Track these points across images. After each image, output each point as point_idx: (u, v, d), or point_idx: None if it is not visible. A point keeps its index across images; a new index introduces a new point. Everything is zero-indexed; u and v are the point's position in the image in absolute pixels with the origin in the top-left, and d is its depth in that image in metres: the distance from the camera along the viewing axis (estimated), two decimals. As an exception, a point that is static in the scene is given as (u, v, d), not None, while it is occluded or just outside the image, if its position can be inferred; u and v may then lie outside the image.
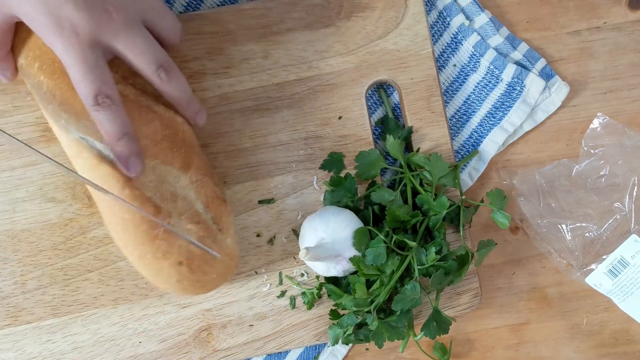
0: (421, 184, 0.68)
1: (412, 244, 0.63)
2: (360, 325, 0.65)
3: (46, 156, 0.53)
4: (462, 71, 0.72)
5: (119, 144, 0.56)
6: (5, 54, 0.60)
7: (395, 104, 0.72)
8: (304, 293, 0.68)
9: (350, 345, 0.71)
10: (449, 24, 0.72)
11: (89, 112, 0.56)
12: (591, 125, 0.73)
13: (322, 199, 0.69)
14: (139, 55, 0.57)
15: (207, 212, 0.60)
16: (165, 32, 0.60)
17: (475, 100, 0.72)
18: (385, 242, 0.63)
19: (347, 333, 0.65)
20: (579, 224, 0.70)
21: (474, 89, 0.72)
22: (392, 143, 0.67)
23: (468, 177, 0.72)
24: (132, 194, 0.57)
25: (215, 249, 0.59)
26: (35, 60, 0.59)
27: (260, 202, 0.69)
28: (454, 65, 0.72)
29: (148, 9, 0.58)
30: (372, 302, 0.64)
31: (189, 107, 0.62)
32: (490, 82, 0.72)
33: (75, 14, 0.53)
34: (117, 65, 0.60)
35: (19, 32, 0.59)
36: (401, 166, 0.68)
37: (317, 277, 0.69)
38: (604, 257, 0.69)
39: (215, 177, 0.62)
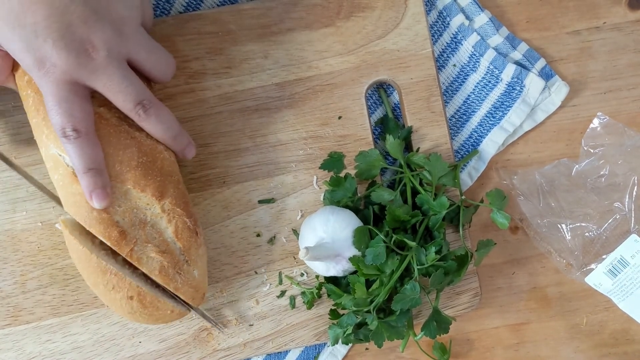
0: (421, 184, 0.68)
1: (412, 243, 0.63)
2: (360, 325, 0.65)
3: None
4: (462, 71, 0.72)
5: (84, 177, 0.57)
6: (5, 78, 0.61)
7: (395, 104, 0.72)
8: (303, 293, 0.68)
9: (350, 345, 0.71)
10: (448, 23, 0.72)
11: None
12: (591, 125, 0.73)
13: (322, 199, 0.69)
14: (117, 93, 0.57)
15: (176, 242, 0.60)
16: (154, 71, 0.60)
17: (475, 100, 0.72)
18: (385, 242, 0.63)
19: (346, 333, 0.65)
20: (579, 224, 0.70)
21: (473, 89, 0.72)
22: (392, 143, 0.67)
23: (468, 177, 0.72)
24: (100, 216, 0.58)
25: (180, 280, 0.60)
26: (25, 74, 0.60)
27: (260, 202, 0.69)
28: (454, 65, 0.72)
29: (134, 48, 0.58)
30: (371, 302, 0.64)
31: (176, 143, 0.62)
32: (490, 82, 0.72)
33: (53, 53, 0.54)
34: None
35: None
36: (401, 166, 0.68)
37: (317, 277, 0.69)
38: (604, 256, 0.69)
39: (191, 208, 0.62)
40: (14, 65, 0.61)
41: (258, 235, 0.69)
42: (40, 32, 0.53)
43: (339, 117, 0.69)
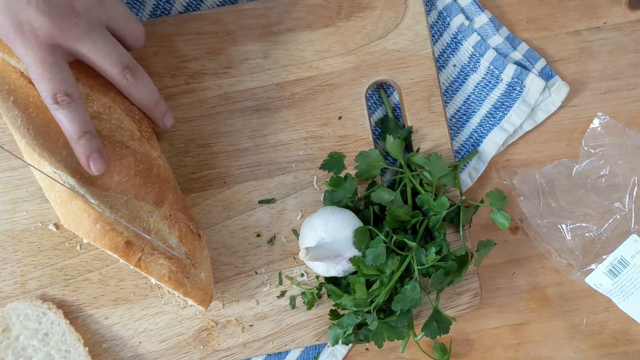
0: (421, 184, 0.68)
1: (412, 244, 0.63)
2: (360, 326, 0.65)
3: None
4: (462, 71, 0.72)
5: (79, 142, 0.57)
6: None
7: (395, 104, 0.72)
8: (303, 293, 0.68)
9: (350, 345, 0.71)
10: (448, 24, 0.72)
11: (50, 111, 0.56)
12: (591, 125, 0.73)
13: (322, 199, 0.69)
14: (104, 57, 0.57)
15: (181, 247, 0.61)
16: (130, 37, 0.60)
17: (475, 100, 0.72)
18: (385, 242, 0.63)
19: (347, 333, 0.65)
20: (579, 224, 0.70)
21: (474, 89, 0.72)
22: (392, 143, 0.67)
23: (468, 177, 0.72)
24: (104, 229, 0.58)
25: (189, 284, 0.60)
26: (9, 94, 0.59)
27: (260, 202, 0.69)
28: (454, 65, 0.72)
29: (113, 15, 0.58)
30: (372, 302, 0.64)
31: (156, 109, 0.62)
32: (490, 82, 0.72)
33: (36, 17, 0.53)
34: (92, 101, 0.60)
35: None
36: (401, 166, 0.68)
37: (317, 277, 0.69)
38: (604, 257, 0.69)
39: (190, 211, 0.63)
40: None
41: (258, 235, 0.69)
42: None
43: (339, 118, 0.69)
